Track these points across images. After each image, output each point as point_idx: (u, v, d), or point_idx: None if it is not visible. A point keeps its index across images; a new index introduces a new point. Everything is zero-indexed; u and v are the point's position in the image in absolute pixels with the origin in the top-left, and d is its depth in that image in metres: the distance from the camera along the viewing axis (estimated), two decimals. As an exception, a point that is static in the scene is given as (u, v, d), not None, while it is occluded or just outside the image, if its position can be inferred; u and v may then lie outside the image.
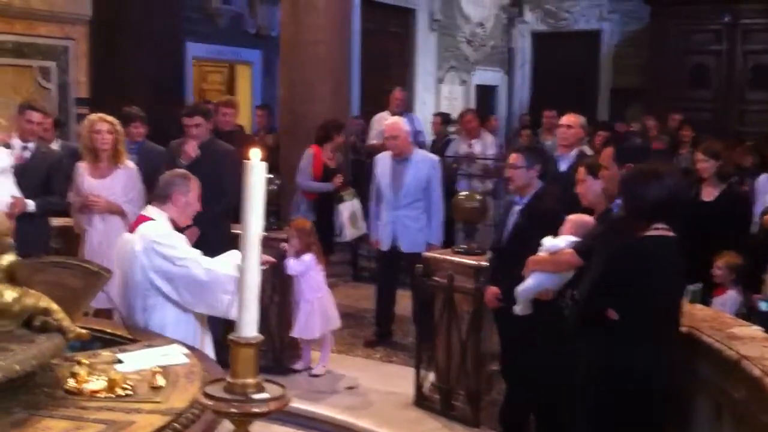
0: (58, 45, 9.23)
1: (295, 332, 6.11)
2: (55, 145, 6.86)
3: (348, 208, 7.38)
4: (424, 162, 6.77)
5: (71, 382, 2.91)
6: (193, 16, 10.32)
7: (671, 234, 3.49)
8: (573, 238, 4.10)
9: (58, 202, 5.99)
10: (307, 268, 6.00)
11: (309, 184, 7.61)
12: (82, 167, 5.94)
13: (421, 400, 5.62)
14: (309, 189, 7.66)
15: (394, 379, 6.02)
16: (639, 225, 3.52)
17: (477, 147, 9.48)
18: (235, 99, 8.92)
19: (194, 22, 10.31)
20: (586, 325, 3.65)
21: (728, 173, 6.01)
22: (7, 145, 5.72)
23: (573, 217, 4.24)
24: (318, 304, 6.04)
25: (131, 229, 4.17)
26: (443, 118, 11.49)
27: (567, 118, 6.30)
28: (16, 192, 5.62)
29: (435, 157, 7.03)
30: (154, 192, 4.30)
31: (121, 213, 5.85)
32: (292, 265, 5.96)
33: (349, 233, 7.41)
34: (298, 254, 5.98)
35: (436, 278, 5.55)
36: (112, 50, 9.03)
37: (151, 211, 4.20)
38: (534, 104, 14.65)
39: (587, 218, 4.21)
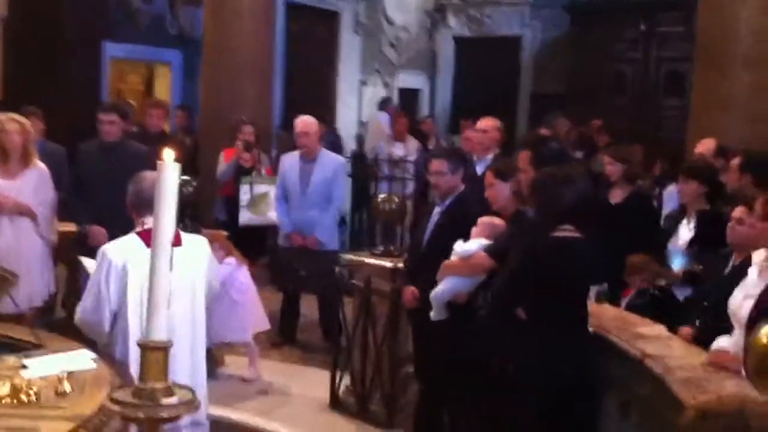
0: (-29, 43, 8.99)
1: (227, 336, 5.94)
2: None
3: (248, 191, 7.38)
4: (331, 163, 6.89)
5: (-27, 389, 2.84)
6: (113, 16, 10.13)
7: (578, 235, 3.58)
8: (484, 241, 4.16)
9: None
10: (231, 271, 5.92)
11: (221, 170, 7.78)
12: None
13: (337, 403, 5.62)
14: (222, 176, 7.81)
15: (310, 383, 6.00)
16: (548, 226, 3.60)
17: (401, 151, 9.55)
18: (164, 101, 8.76)
19: (114, 22, 10.12)
20: (499, 324, 3.71)
21: (635, 175, 6.11)
22: None
23: (483, 220, 4.29)
24: (248, 306, 5.97)
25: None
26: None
27: (483, 123, 6.37)
28: None
29: (342, 158, 7.18)
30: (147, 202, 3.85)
31: (31, 215, 5.69)
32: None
33: (242, 217, 7.37)
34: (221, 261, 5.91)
35: (354, 280, 5.56)
36: (27, 50, 8.87)
37: None
38: (456, 108, 14.78)
39: (497, 221, 4.28)
